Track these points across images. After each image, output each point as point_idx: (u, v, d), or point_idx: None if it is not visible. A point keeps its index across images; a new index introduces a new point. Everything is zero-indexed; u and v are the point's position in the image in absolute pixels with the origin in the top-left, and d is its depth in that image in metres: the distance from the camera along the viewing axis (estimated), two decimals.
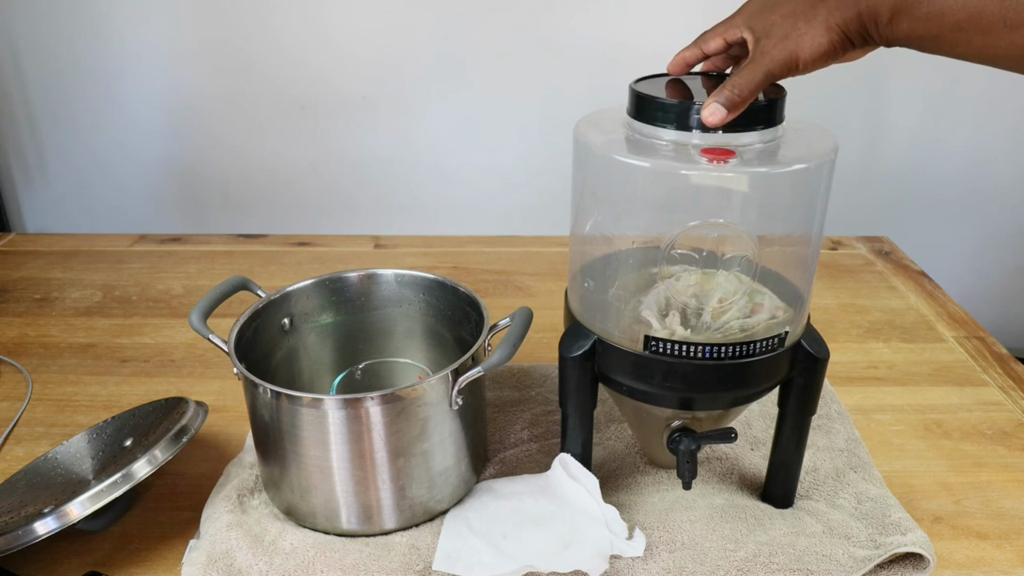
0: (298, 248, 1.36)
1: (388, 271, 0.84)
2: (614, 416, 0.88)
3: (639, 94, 0.63)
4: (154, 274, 1.26)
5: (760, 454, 0.82)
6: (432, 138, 1.46)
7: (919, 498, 0.78)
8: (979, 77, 1.39)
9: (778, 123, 0.63)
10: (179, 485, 0.79)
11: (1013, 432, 0.88)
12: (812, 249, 0.66)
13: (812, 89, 1.37)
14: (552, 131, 1.35)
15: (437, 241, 1.37)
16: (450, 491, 0.73)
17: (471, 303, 0.78)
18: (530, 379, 0.95)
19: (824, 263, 1.29)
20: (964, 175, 1.50)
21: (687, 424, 0.70)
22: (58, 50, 1.38)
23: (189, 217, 1.52)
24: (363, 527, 0.71)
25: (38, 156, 1.48)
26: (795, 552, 0.69)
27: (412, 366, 0.86)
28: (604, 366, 0.67)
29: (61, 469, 0.75)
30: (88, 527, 0.72)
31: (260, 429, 0.71)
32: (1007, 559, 0.71)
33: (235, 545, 0.69)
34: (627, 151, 0.62)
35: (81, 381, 0.97)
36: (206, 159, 1.47)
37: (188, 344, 1.05)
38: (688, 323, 0.64)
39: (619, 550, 0.68)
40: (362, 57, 1.39)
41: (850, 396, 0.94)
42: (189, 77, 1.41)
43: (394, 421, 0.67)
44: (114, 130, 1.45)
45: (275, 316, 0.80)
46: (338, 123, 1.44)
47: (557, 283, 1.20)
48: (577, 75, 1.40)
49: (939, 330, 1.10)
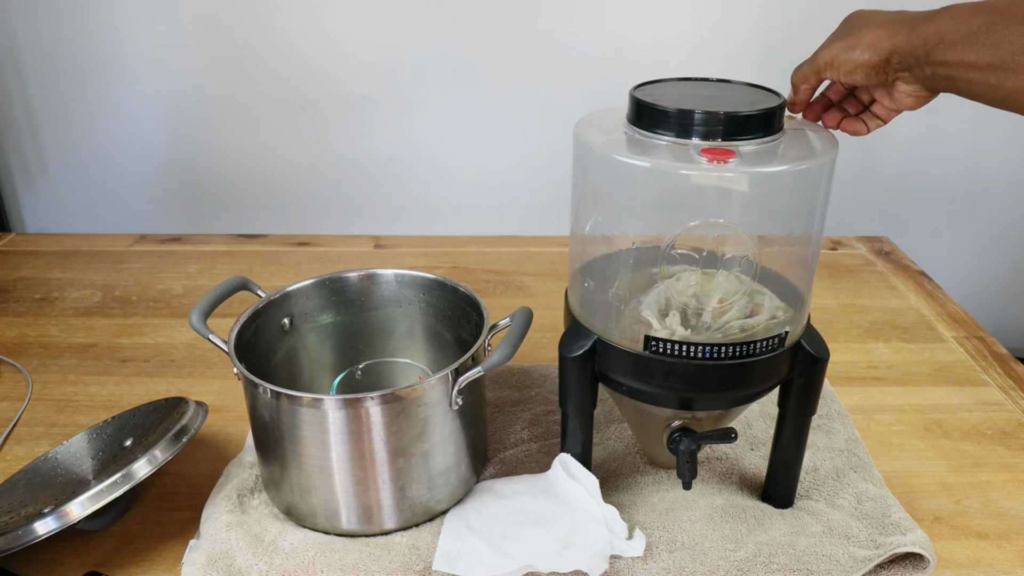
0: (298, 248, 1.36)
1: (388, 271, 0.84)
2: (614, 416, 0.88)
3: (639, 101, 0.63)
4: (154, 274, 1.25)
5: (760, 454, 0.82)
6: (432, 138, 1.46)
7: (919, 498, 0.78)
8: None
9: (778, 131, 0.63)
10: (179, 485, 0.79)
11: (1013, 432, 0.88)
12: (812, 249, 0.66)
13: None
14: (552, 131, 1.34)
15: (437, 241, 1.37)
16: (450, 491, 0.73)
17: (471, 303, 0.78)
18: (530, 379, 0.95)
19: (824, 263, 1.30)
20: (964, 175, 1.50)
21: (687, 424, 0.70)
22: (58, 50, 1.38)
23: (189, 217, 1.52)
24: (363, 527, 0.71)
25: (38, 156, 1.48)
26: (795, 552, 0.69)
27: (412, 366, 0.86)
28: (604, 366, 0.67)
29: (61, 469, 0.75)
30: (88, 527, 0.72)
31: (260, 429, 0.71)
32: (1007, 559, 0.71)
33: (235, 545, 0.69)
34: (627, 151, 0.62)
35: (81, 381, 0.97)
36: (206, 159, 1.47)
37: (188, 344, 1.05)
38: (688, 323, 0.64)
39: (619, 550, 0.68)
40: (362, 57, 1.39)
41: (850, 396, 0.94)
42: (189, 77, 1.41)
43: (394, 421, 0.67)
44: (114, 130, 1.45)
45: (275, 316, 0.80)
46: (338, 123, 1.44)
47: (557, 283, 1.20)
48: (577, 75, 1.40)
49: (939, 330, 1.10)
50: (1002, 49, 0.52)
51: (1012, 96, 0.53)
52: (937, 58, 0.56)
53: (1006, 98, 0.54)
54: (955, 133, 1.45)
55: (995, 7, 0.53)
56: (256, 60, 1.39)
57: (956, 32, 0.54)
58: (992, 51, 0.52)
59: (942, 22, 0.55)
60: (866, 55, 0.59)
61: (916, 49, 0.56)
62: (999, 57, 0.52)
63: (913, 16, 0.58)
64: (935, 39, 0.55)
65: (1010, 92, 0.53)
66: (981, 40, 0.53)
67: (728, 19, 1.35)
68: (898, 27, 0.58)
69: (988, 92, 0.54)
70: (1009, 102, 0.54)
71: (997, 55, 0.52)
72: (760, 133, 0.61)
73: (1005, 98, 0.54)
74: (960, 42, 0.54)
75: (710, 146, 0.60)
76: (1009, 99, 0.54)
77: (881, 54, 0.59)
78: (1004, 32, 0.52)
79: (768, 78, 0.74)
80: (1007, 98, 0.54)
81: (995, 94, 0.54)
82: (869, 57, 0.59)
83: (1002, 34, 0.52)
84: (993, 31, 0.52)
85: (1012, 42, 0.52)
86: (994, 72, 0.53)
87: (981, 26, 0.53)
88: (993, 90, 0.54)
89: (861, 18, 0.61)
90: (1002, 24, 0.52)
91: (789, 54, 1.47)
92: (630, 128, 0.64)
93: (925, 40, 0.56)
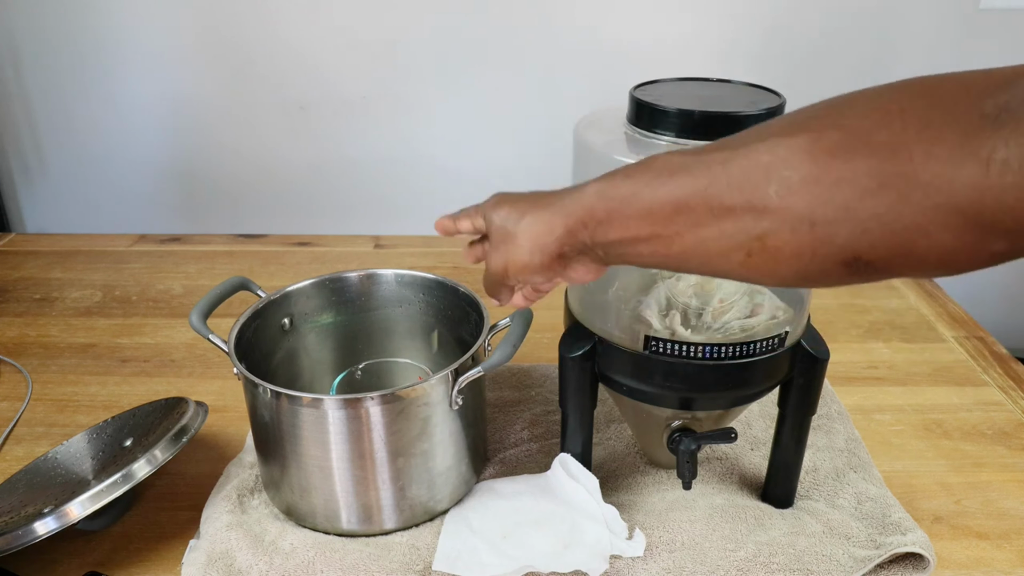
0: (298, 248, 1.36)
1: (388, 271, 0.84)
2: (614, 416, 0.88)
3: (639, 101, 0.63)
4: (154, 274, 1.25)
5: (760, 454, 0.82)
6: (432, 138, 1.46)
7: (919, 498, 0.78)
8: None
9: None
10: (179, 485, 0.79)
11: (1013, 432, 0.88)
12: None
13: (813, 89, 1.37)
14: (552, 131, 1.34)
15: (437, 241, 1.37)
16: (450, 491, 0.73)
17: (471, 303, 0.78)
18: (530, 379, 0.95)
19: None
20: None
21: (687, 424, 0.70)
22: (58, 50, 1.38)
23: (189, 217, 1.52)
24: (363, 527, 0.71)
25: (38, 156, 1.48)
26: (795, 552, 0.69)
27: (412, 366, 0.86)
28: (604, 366, 0.67)
29: (61, 469, 0.75)
30: (88, 527, 0.72)
31: (260, 429, 0.71)
32: (1007, 559, 0.71)
33: (235, 545, 0.69)
34: (627, 151, 0.62)
35: (81, 381, 0.97)
36: (206, 159, 1.47)
37: (188, 344, 1.05)
38: (688, 323, 0.64)
39: (619, 550, 0.68)
40: (362, 57, 1.39)
41: (850, 396, 0.94)
42: (189, 77, 1.41)
43: (394, 421, 0.67)
44: (114, 130, 1.45)
45: (275, 316, 0.80)
46: (338, 123, 1.44)
47: None
48: (577, 75, 1.40)
49: (939, 330, 1.10)
50: (654, 216, 0.44)
51: (684, 257, 0.45)
52: (601, 239, 0.48)
53: (678, 263, 0.46)
54: None
55: (633, 171, 0.46)
56: (256, 60, 1.39)
57: (605, 209, 0.47)
58: (646, 221, 0.45)
59: (590, 198, 0.48)
60: (536, 258, 0.51)
61: (580, 235, 0.49)
62: (655, 225, 0.45)
63: (560, 198, 0.50)
64: (592, 220, 0.48)
65: (680, 254, 0.45)
66: (631, 212, 0.45)
67: (728, 19, 1.35)
68: (552, 218, 0.50)
69: (661, 262, 0.47)
70: (685, 263, 0.46)
71: (653, 223, 0.45)
72: None
73: (678, 264, 0.46)
74: (614, 219, 0.46)
75: None
76: (683, 261, 0.46)
77: (551, 253, 0.51)
78: (649, 196, 0.44)
79: (768, 78, 0.74)
80: (680, 262, 0.46)
81: (667, 262, 0.46)
82: (541, 259, 0.51)
83: (648, 199, 0.45)
84: (638, 199, 0.45)
85: (660, 206, 0.44)
86: (658, 241, 0.45)
87: (628, 196, 0.46)
88: (664, 259, 0.46)
89: (507, 216, 0.53)
90: (647, 189, 0.45)
91: (789, 54, 1.46)
92: (630, 128, 0.64)
93: (583, 223, 0.48)
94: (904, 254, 0.37)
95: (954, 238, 0.36)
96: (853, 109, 0.39)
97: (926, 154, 0.35)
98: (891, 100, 0.38)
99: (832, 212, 0.38)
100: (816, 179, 0.38)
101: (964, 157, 0.34)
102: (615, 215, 0.46)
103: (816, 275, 0.41)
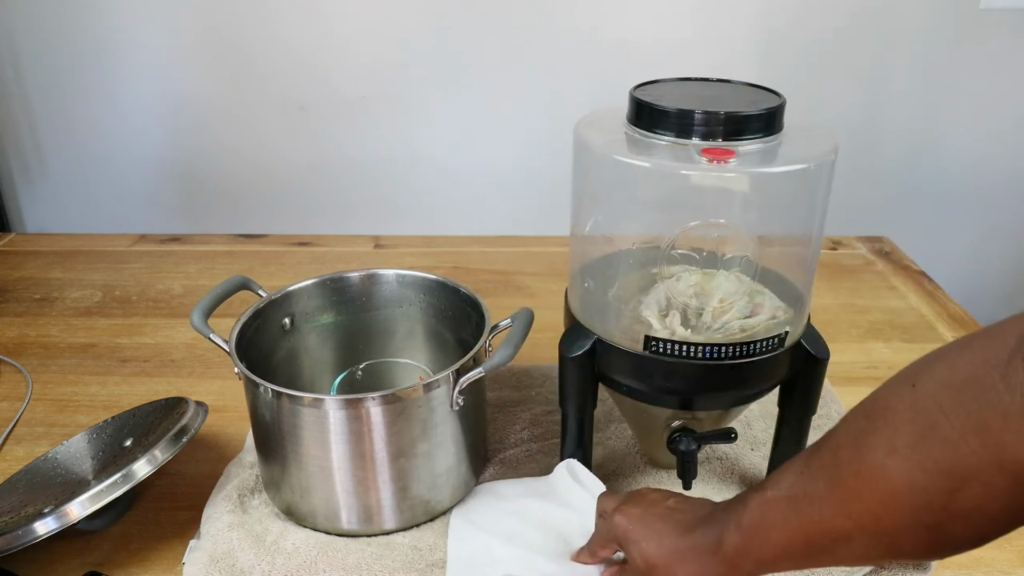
0: (298, 248, 1.36)
1: (389, 271, 0.84)
2: (614, 416, 0.88)
3: (639, 101, 0.63)
4: (154, 274, 1.25)
5: (760, 454, 0.82)
6: (432, 138, 1.46)
7: None
8: (979, 76, 1.39)
9: (778, 131, 0.63)
10: (179, 485, 0.79)
11: None
12: (812, 249, 0.66)
13: (813, 88, 1.37)
14: (552, 131, 1.34)
15: (437, 241, 1.37)
16: (451, 491, 0.73)
17: (472, 303, 0.78)
18: (530, 379, 0.95)
19: (824, 263, 1.29)
20: (964, 175, 1.49)
21: (687, 424, 0.70)
22: (58, 50, 1.38)
23: (189, 217, 1.52)
24: (363, 527, 0.71)
25: (38, 156, 1.47)
26: None
27: (413, 366, 0.86)
28: (604, 366, 0.67)
29: (61, 469, 0.75)
30: (88, 527, 0.72)
31: (260, 429, 0.71)
32: (1007, 559, 0.71)
33: (237, 545, 0.69)
34: (627, 151, 0.62)
35: (81, 381, 0.97)
36: (206, 159, 1.47)
37: (188, 344, 1.05)
38: (688, 323, 0.64)
39: None
40: (362, 57, 1.39)
41: (850, 396, 0.94)
42: (189, 77, 1.41)
43: (395, 421, 0.67)
44: (114, 130, 1.44)
45: (276, 316, 0.80)
46: (338, 123, 1.44)
47: (557, 283, 1.20)
48: (577, 75, 1.39)
49: (939, 330, 1.10)
50: (810, 536, 0.45)
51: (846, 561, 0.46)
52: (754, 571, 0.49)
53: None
54: (955, 133, 1.45)
55: (771, 499, 0.47)
56: (256, 60, 1.39)
57: (766, 545, 0.47)
58: (790, 561, 0.47)
59: (741, 538, 0.49)
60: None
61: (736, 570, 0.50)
62: (813, 545, 0.45)
63: (704, 536, 0.52)
64: (749, 557, 0.48)
65: (840, 563, 0.47)
66: (796, 546, 0.46)
67: (728, 19, 1.35)
68: (701, 557, 0.51)
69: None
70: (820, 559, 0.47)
71: (795, 561, 0.47)
72: (760, 133, 0.61)
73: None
74: (779, 555, 0.47)
75: (710, 146, 0.60)
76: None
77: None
78: (803, 521, 0.45)
79: (768, 78, 0.74)
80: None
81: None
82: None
83: (803, 525, 0.45)
84: (801, 528, 0.45)
85: (818, 522, 0.44)
86: (811, 557, 0.47)
87: (779, 521, 0.46)
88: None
89: (649, 552, 0.54)
90: (800, 516, 0.45)
91: (789, 54, 1.46)
92: (630, 128, 0.64)
93: (741, 557, 0.49)
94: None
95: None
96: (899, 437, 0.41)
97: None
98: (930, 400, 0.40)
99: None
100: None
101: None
102: (780, 550, 0.47)
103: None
